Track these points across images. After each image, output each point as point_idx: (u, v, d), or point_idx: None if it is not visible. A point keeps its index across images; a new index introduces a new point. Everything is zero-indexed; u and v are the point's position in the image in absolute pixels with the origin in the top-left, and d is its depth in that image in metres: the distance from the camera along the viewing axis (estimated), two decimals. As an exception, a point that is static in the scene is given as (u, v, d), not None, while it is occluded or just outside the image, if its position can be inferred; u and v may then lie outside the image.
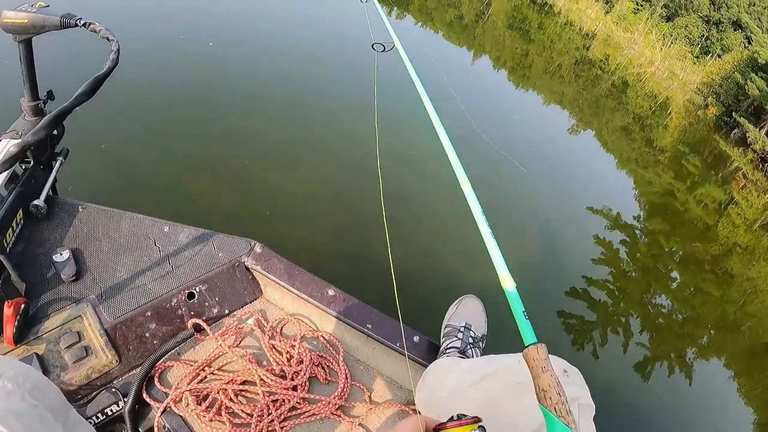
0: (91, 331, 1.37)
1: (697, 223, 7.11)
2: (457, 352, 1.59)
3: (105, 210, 1.67)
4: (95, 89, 1.31)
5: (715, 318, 4.90)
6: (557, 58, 14.78)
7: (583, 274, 4.29)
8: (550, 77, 12.29)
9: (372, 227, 3.51)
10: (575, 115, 10.08)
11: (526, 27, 17.47)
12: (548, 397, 0.67)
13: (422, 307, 1.71)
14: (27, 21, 1.37)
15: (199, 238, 1.69)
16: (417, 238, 3.57)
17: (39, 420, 0.84)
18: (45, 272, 1.45)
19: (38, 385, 0.86)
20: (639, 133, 10.60)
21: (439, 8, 14.81)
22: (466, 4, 17.09)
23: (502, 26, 15.96)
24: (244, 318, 1.61)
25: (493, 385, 1.06)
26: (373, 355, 1.64)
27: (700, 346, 4.41)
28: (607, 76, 15.10)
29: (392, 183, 3.81)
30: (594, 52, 18.18)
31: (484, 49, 12.47)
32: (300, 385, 1.45)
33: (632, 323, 4.09)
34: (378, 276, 3.06)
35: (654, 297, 4.73)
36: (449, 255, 3.51)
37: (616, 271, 4.75)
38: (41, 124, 1.18)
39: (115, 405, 1.34)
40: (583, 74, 14.25)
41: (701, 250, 6.09)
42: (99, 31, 1.42)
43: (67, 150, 1.75)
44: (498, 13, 17.61)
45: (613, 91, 13.58)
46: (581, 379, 1.03)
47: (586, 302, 3.96)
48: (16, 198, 1.46)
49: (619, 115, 11.48)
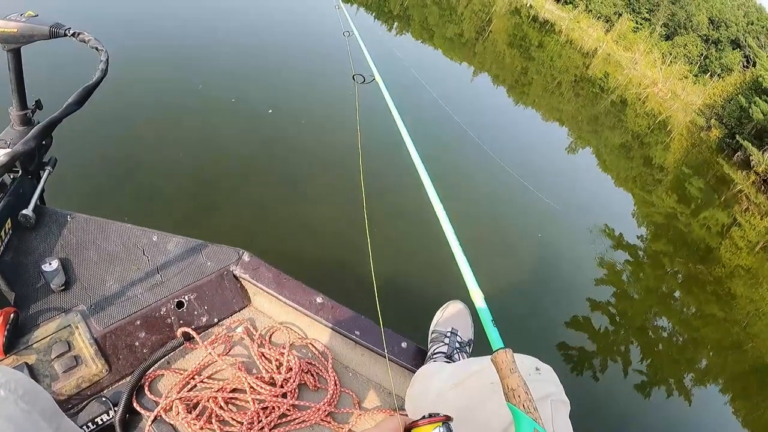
0: (80, 340, 1.37)
1: (700, 245, 7.15)
2: (443, 357, 1.61)
3: (94, 219, 1.67)
4: (84, 99, 1.31)
5: (717, 339, 4.91)
6: (557, 76, 14.86)
7: (586, 296, 4.32)
8: (549, 95, 12.36)
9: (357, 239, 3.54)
10: (574, 133, 10.15)
11: (527, 45, 17.59)
12: (516, 395, 0.70)
13: (409, 313, 1.73)
14: (16, 30, 1.37)
15: (187, 247, 1.70)
16: (402, 246, 3.60)
17: (32, 425, 0.85)
18: (34, 282, 1.45)
19: (30, 391, 0.87)
20: (638, 151, 10.66)
21: (440, 24, 14.91)
22: (467, 20, 17.25)
23: (503, 43, 16.04)
24: (233, 326, 1.62)
25: (469, 387, 1.08)
26: (362, 361, 1.65)
27: (699, 368, 4.41)
28: (606, 95, 15.21)
29: (375, 198, 3.84)
30: (594, 70, 18.33)
31: (483, 66, 12.52)
32: (290, 392, 1.46)
33: (632, 350, 4.09)
34: (365, 284, 3.09)
35: (656, 318, 4.75)
36: (434, 262, 3.54)
37: (618, 291, 4.77)
38: (31, 134, 1.18)
39: (106, 414, 1.34)
40: (582, 92, 14.33)
41: (704, 272, 6.12)
42: (88, 41, 1.42)
43: (55, 159, 1.75)
44: (498, 30, 17.75)
45: (612, 110, 13.64)
46: (554, 376, 1.06)
47: (587, 331, 3.96)
48: (5, 208, 1.46)
49: (618, 133, 11.53)
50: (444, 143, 6.18)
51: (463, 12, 18.68)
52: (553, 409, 0.96)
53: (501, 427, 0.93)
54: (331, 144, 4.68)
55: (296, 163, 4.22)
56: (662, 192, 8.50)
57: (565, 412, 0.99)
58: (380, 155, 4.28)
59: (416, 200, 3.85)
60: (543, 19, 24.10)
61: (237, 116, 4.54)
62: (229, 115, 4.51)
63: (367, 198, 1.86)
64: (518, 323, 3.49)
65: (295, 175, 4.04)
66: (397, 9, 15.28)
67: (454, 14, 17.81)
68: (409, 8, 15.70)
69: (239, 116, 4.56)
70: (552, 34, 21.70)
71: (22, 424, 0.82)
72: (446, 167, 5.43)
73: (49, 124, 1.26)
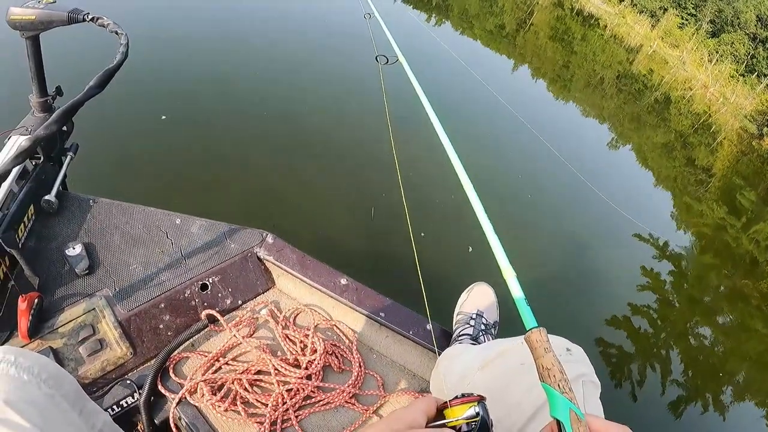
0: (105, 324, 1.38)
1: (747, 259, 6.91)
2: (469, 339, 1.59)
3: (116, 204, 1.67)
4: (106, 82, 1.30)
5: (759, 353, 4.76)
6: (600, 71, 14.53)
7: (628, 300, 4.23)
8: (591, 90, 12.05)
9: (384, 219, 3.52)
10: (616, 130, 9.89)
11: (569, 38, 17.24)
12: (551, 375, 0.67)
13: (434, 295, 1.71)
14: (34, 17, 1.36)
15: (210, 230, 1.69)
16: (426, 227, 3.57)
17: (56, 408, 0.84)
18: (58, 267, 1.45)
19: (54, 375, 0.87)
20: (681, 152, 10.29)
21: (480, 16, 14.70)
22: (508, 13, 17.00)
23: (544, 36, 15.75)
24: (257, 308, 1.62)
25: (497, 368, 1.06)
26: (386, 343, 1.64)
27: (738, 380, 4.29)
28: (650, 92, 14.81)
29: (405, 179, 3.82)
30: (638, 66, 17.85)
31: (524, 59, 12.30)
32: (314, 374, 1.45)
33: (672, 356, 3.98)
34: (390, 265, 3.08)
35: (697, 327, 4.63)
36: (459, 244, 3.51)
37: (660, 299, 4.65)
38: (53, 118, 1.18)
39: (131, 397, 1.35)
40: (625, 89, 13.97)
41: (750, 287, 5.95)
42: (107, 25, 1.41)
43: (76, 145, 1.75)
44: (540, 23, 17.45)
45: (656, 107, 13.26)
46: (585, 356, 1.03)
47: (627, 331, 3.88)
48: (28, 194, 1.47)
49: (661, 132, 11.18)
50: (479, 124, 6.19)
51: (504, 4, 18.37)
52: (585, 390, 0.94)
53: (532, 409, 0.90)
54: (357, 125, 4.67)
55: (318, 144, 4.21)
56: (712, 202, 8.17)
57: (596, 393, 0.97)
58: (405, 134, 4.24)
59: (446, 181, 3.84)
60: (588, 12, 23.60)
61: (260, 98, 4.54)
62: (252, 96, 4.51)
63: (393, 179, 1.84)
64: (555, 312, 3.45)
65: (319, 156, 4.03)
66: None
67: (495, 5, 17.54)
68: None
69: (262, 98, 4.55)
70: (596, 29, 21.20)
71: (45, 407, 0.82)
72: (483, 149, 5.41)
73: (70, 108, 1.25)
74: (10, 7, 1.35)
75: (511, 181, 5.23)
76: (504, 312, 1.76)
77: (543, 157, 5.72)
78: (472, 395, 0.66)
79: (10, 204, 1.42)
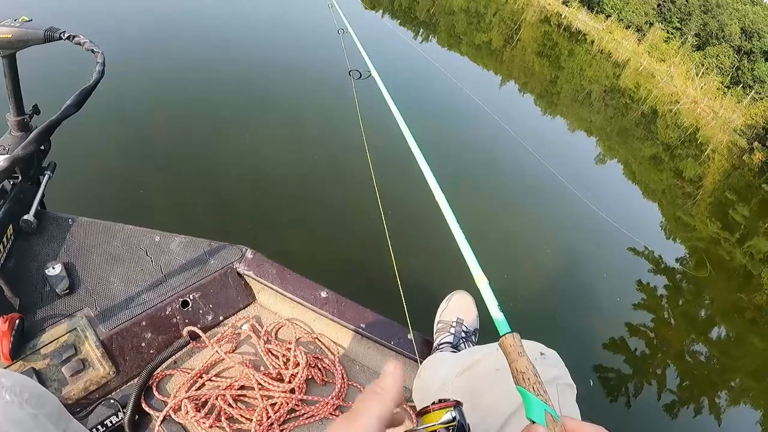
0: (87, 343, 1.37)
1: (741, 272, 6.95)
2: (450, 347, 1.62)
3: (95, 222, 1.67)
4: (83, 101, 1.31)
5: (755, 368, 4.77)
6: (587, 86, 14.62)
7: (624, 319, 4.22)
8: (579, 105, 12.09)
9: (361, 231, 3.54)
10: (603, 143, 9.92)
11: (556, 53, 17.36)
12: (526, 378, 0.70)
13: (414, 304, 1.73)
14: (11, 36, 1.36)
15: (190, 247, 1.70)
16: (402, 237, 3.60)
17: (40, 428, 0.85)
18: (38, 287, 1.45)
19: (36, 395, 0.87)
20: (668, 164, 10.33)
21: (468, 32, 14.78)
22: (496, 29, 17.12)
23: (531, 52, 15.84)
24: (238, 324, 1.62)
25: (474, 374, 1.09)
26: (368, 354, 1.66)
27: (735, 388, 4.29)
28: (637, 105, 14.88)
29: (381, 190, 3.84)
30: (625, 81, 17.97)
31: (511, 74, 12.36)
32: (297, 387, 1.46)
33: (669, 373, 3.98)
34: (370, 277, 3.09)
35: (693, 344, 4.63)
36: (437, 252, 3.54)
37: (656, 316, 4.64)
38: (31, 138, 1.18)
39: (115, 416, 1.35)
40: (612, 103, 14.04)
41: (745, 300, 6.00)
42: (83, 43, 1.42)
43: (54, 164, 1.74)
44: (527, 39, 17.57)
45: (642, 121, 13.29)
46: (559, 360, 1.07)
47: (622, 352, 3.82)
48: (6, 213, 1.46)
49: (648, 145, 11.21)
50: (460, 133, 6.30)
51: (491, 20, 18.54)
52: (559, 392, 0.97)
53: (508, 411, 0.93)
54: (332, 139, 4.68)
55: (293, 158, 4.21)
56: (705, 218, 8.22)
57: (572, 395, 1.00)
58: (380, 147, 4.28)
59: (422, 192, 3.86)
60: (575, 28, 23.86)
61: (231, 112, 4.54)
62: (223, 111, 4.50)
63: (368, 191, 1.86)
64: (546, 326, 3.46)
65: (294, 170, 4.04)
66: (424, 15, 15.32)
67: (482, 22, 17.68)
68: (435, 14, 15.71)
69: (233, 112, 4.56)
70: (583, 44, 21.42)
71: (28, 427, 0.83)
72: (464, 159, 5.47)
73: (48, 127, 1.26)
74: None
75: (493, 193, 5.27)
76: (485, 319, 1.79)
77: (529, 169, 5.81)
78: (449, 400, 0.69)
79: None
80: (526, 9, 24.03)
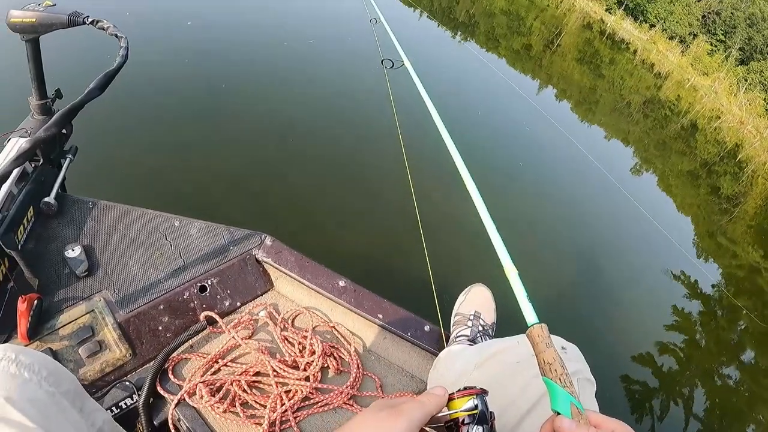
0: (104, 325, 1.38)
1: None
2: (466, 340, 1.60)
3: (115, 206, 1.68)
4: (106, 85, 1.31)
5: None
6: (627, 96, 14.32)
7: (655, 339, 4.11)
8: (618, 115, 11.81)
9: (384, 221, 3.52)
10: (639, 154, 9.59)
11: (597, 62, 17.05)
12: (553, 369, 0.69)
13: (432, 296, 1.72)
14: (34, 20, 1.37)
15: (209, 232, 1.70)
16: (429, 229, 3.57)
17: (56, 406, 0.85)
18: (57, 268, 1.46)
19: (54, 373, 0.87)
20: (706, 179, 9.98)
21: (507, 36, 14.64)
22: (536, 33, 16.94)
23: (572, 59, 15.58)
24: (256, 310, 1.62)
25: (493, 367, 1.08)
26: (384, 345, 1.64)
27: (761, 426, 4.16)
28: (677, 118, 14.43)
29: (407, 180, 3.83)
30: (666, 92, 17.55)
31: (550, 80, 12.16)
32: (312, 375, 1.46)
33: (696, 395, 3.91)
34: (389, 267, 3.08)
35: (722, 368, 4.46)
36: (457, 245, 3.51)
37: (688, 338, 4.49)
38: (53, 120, 1.18)
39: (130, 398, 1.35)
40: (651, 114, 13.70)
41: None
42: (107, 28, 1.42)
43: (75, 148, 1.76)
44: (568, 45, 17.33)
45: (682, 134, 12.76)
46: (580, 355, 1.05)
47: (651, 368, 3.74)
48: (27, 196, 1.48)
49: (687, 159, 10.82)
50: (494, 130, 6.22)
51: (532, 24, 18.34)
52: (580, 387, 0.95)
53: (527, 405, 0.92)
54: (362, 127, 4.68)
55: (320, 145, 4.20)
56: (747, 245, 7.98)
57: (591, 390, 0.99)
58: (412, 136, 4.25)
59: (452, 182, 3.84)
60: (620, 37, 23.43)
61: (261, 100, 4.53)
62: (254, 99, 4.50)
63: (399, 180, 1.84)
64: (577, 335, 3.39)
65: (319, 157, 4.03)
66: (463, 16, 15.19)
67: (522, 26, 17.49)
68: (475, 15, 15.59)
69: (262, 99, 4.55)
70: (625, 52, 21.01)
71: (46, 406, 0.82)
72: (497, 165, 5.36)
73: (70, 111, 1.26)
74: (9, 9, 1.36)
75: (529, 189, 5.24)
76: (502, 313, 1.77)
77: (571, 175, 5.72)
78: (474, 388, 0.67)
79: (9, 206, 1.42)
80: (568, 15, 23.64)
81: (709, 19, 27.43)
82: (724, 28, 26.97)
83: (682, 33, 26.70)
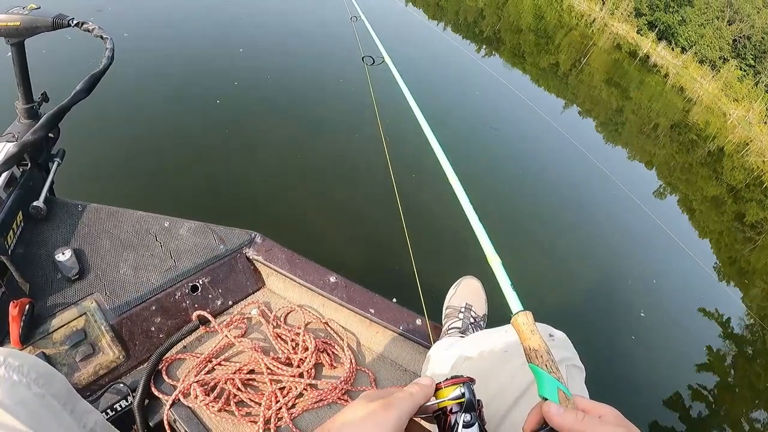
0: (96, 328, 1.38)
1: None
2: (458, 332, 1.61)
3: (104, 208, 1.68)
4: (92, 87, 1.31)
5: None
6: (654, 118, 14.24)
7: (689, 382, 4.00)
8: (645, 138, 11.69)
9: (371, 215, 3.53)
10: (664, 178, 9.37)
11: (626, 84, 16.88)
12: (539, 356, 0.69)
13: (423, 289, 1.73)
14: (19, 23, 1.36)
15: (199, 232, 1.70)
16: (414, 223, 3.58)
17: (46, 408, 0.85)
18: (48, 272, 1.46)
19: (43, 375, 0.87)
20: (731, 206, 9.82)
21: (534, 53, 14.56)
22: (564, 52, 16.82)
23: (599, 79, 15.47)
24: (248, 309, 1.63)
25: (482, 357, 1.09)
26: (377, 339, 1.66)
27: None
28: (704, 143, 14.22)
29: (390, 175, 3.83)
30: (694, 117, 17.32)
31: (576, 99, 12.02)
32: (306, 372, 1.47)
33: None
34: (379, 262, 3.10)
35: (754, 411, 4.33)
36: (448, 238, 3.53)
37: (720, 380, 4.36)
38: (40, 124, 1.18)
39: (124, 400, 1.36)
40: (678, 138, 13.54)
41: None
42: (92, 30, 1.42)
43: (63, 151, 1.75)
44: (596, 64, 17.16)
45: (708, 160, 12.65)
46: (568, 342, 1.06)
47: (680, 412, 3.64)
48: (16, 200, 1.47)
49: (713, 184, 10.67)
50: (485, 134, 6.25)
51: (560, 42, 18.25)
52: (568, 373, 0.96)
53: (516, 393, 0.93)
54: (345, 124, 4.70)
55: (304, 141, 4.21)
56: None
57: (580, 377, 0.99)
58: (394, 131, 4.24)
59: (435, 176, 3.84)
60: (652, 62, 23.24)
61: (243, 99, 4.53)
62: (235, 97, 4.50)
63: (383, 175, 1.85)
64: None
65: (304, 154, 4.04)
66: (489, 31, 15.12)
67: (551, 43, 17.44)
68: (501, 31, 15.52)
69: (245, 98, 4.55)
70: (654, 75, 20.87)
71: (36, 408, 0.83)
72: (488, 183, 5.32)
73: (57, 114, 1.26)
74: None
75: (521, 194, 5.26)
76: (493, 304, 1.78)
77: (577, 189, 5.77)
78: (461, 377, 0.68)
79: None
80: (598, 34, 23.48)
81: (739, 43, 27.34)
82: (755, 53, 26.87)
83: (713, 57, 26.58)
